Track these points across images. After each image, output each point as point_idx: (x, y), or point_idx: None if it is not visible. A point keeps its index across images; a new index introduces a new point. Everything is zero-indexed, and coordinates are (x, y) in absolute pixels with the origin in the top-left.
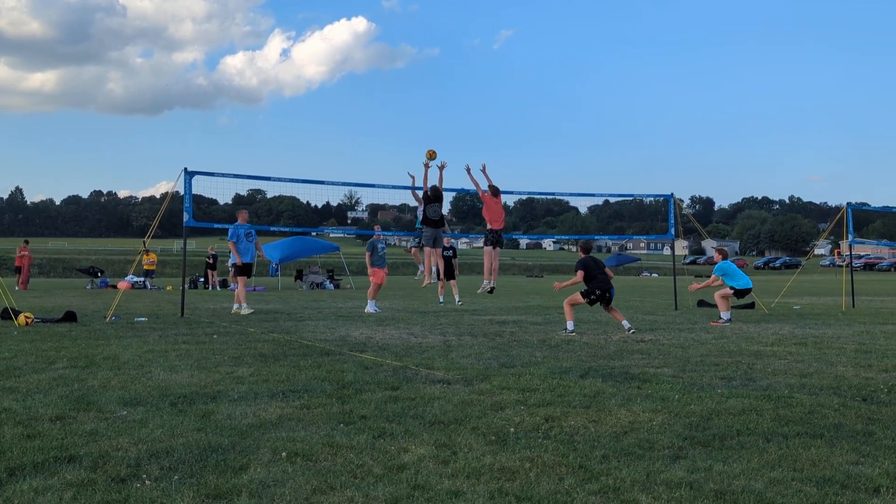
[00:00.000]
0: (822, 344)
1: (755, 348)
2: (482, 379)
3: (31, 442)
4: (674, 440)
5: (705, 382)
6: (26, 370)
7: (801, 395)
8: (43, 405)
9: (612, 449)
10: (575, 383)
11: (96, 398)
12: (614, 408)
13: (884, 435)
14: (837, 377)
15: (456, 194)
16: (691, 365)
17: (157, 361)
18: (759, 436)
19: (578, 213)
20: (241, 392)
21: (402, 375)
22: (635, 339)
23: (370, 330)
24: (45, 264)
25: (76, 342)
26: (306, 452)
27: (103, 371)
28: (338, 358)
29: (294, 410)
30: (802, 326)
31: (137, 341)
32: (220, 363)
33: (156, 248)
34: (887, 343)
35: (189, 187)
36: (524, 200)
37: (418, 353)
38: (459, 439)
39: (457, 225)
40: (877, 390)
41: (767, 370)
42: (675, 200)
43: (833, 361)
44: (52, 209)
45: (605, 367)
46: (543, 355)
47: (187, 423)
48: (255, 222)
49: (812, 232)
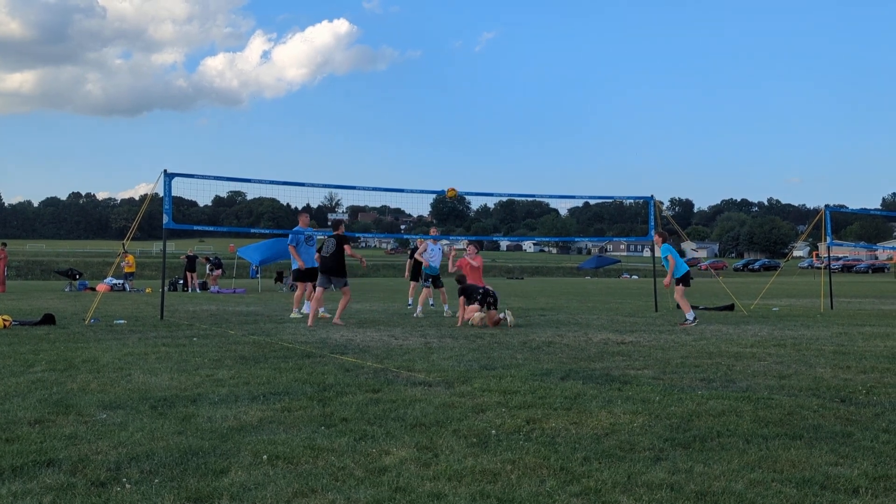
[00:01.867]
0: (801, 345)
1: (735, 350)
2: (463, 381)
3: (9, 446)
4: (654, 442)
5: (686, 384)
6: (4, 373)
7: (781, 397)
8: (21, 409)
9: (593, 451)
10: (556, 385)
11: (75, 401)
12: (595, 410)
13: (862, 436)
14: (816, 378)
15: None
16: (672, 367)
17: (136, 364)
18: (740, 437)
19: (559, 214)
20: (222, 395)
21: (383, 378)
22: (616, 341)
23: (351, 332)
24: (23, 266)
25: (55, 345)
26: (287, 455)
27: (82, 374)
28: (318, 360)
29: (275, 413)
30: (781, 328)
31: (117, 344)
32: (201, 366)
33: (135, 250)
34: (865, 345)
35: (169, 189)
36: (504, 202)
37: (399, 355)
38: (441, 442)
39: (438, 226)
40: (855, 391)
41: (747, 372)
42: (655, 202)
43: (812, 363)
44: (31, 211)
45: (586, 370)
46: (524, 357)
47: (167, 427)
48: (234, 224)
49: (791, 234)
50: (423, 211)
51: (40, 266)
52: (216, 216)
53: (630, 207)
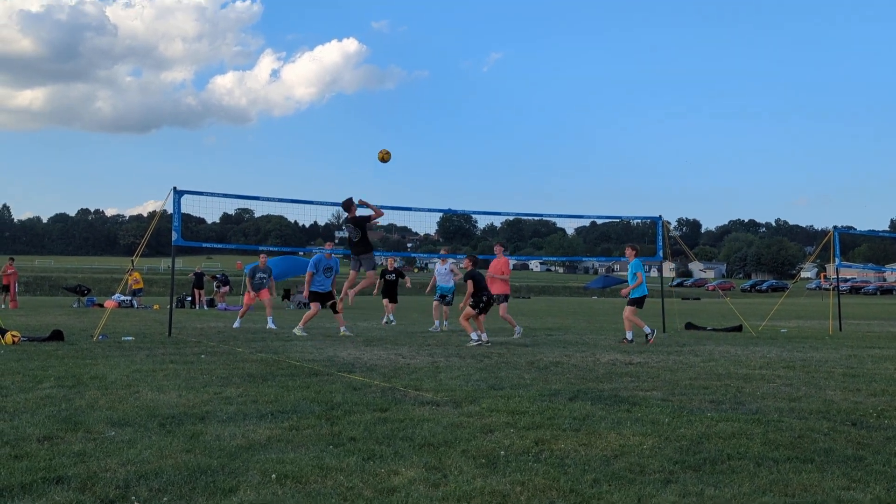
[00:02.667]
0: (811, 368)
1: (744, 371)
2: (471, 401)
3: (18, 463)
4: (664, 464)
5: (695, 406)
6: (13, 389)
7: (791, 419)
8: (30, 425)
9: (602, 472)
10: (564, 406)
11: (84, 418)
12: (604, 431)
13: (874, 460)
14: (826, 401)
15: (443, 214)
16: (680, 388)
17: (144, 381)
18: (750, 460)
19: (565, 234)
20: (230, 413)
21: (391, 397)
22: (624, 361)
23: (358, 350)
24: (31, 282)
25: (63, 361)
26: (296, 474)
27: (91, 391)
28: (326, 378)
29: (283, 432)
30: (790, 350)
31: (125, 361)
32: (209, 383)
33: (143, 266)
34: (875, 367)
35: (178, 206)
36: (511, 221)
37: (407, 374)
38: (449, 462)
39: (444, 245)
40: (866, 415)
41: (756, 394)
42: (663, 223)
43: (822, 385)
44: (39, 227)
45: (595, 390)
46: (532, 377)
47: (176, 444)
48: (242, 241)
49: (798, 255)
50: (429, 229)
51: (48, 282)
52: (224, 233)
53: (637, 227)
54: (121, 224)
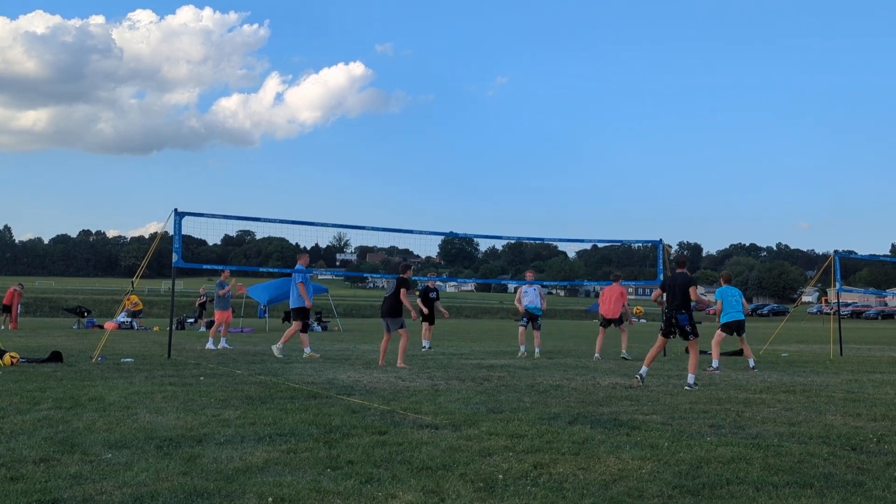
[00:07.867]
0: (811, 392)
1: (744, 396)
2: (470, 424)
3: (14, 485)
4: (663, 488)
5: (694, 430)
6: (10, 411)
7: (791, 444)
8: (27, 447)
9: (601, 497)
10: (564, 430)
11: (81, 440)
12: (603, 455)
13: (874, 485)
14: (827, 426)
15: (444, 238)
16: (680, 412)
17: (142, 403)
18: (749, 485)
19: (567, 257)
20: (228, 435)
21: (390, 420)
22: (624, 385)
23: (357, 373)
24: (31, 303)
25: (61, 383)
26: (293, 498)
27: (88, 412)
28: (325, 401)
29: (280, 454)
30: (791, 374)
31: (123, 382)
32: (207, 405)
33: (143, 288)
34: (876, 392)
35: (179, 228)
36: (512, 244)
37: (406, 397)
38: (447, 486)
39: (445, 268)
40: (866, 440)
41: (756, 418)
42: (664, 246)
43: (822, 410)
44: (41, 248)
45: (594, 414)
46: (532, 401)
47: (173, 467)
48: (243, 263)
49: (800, 279)
50: (431, 252)
51: (49, 303)
52: (225, 255)
53: (638, 251)
54: (122, 245)
